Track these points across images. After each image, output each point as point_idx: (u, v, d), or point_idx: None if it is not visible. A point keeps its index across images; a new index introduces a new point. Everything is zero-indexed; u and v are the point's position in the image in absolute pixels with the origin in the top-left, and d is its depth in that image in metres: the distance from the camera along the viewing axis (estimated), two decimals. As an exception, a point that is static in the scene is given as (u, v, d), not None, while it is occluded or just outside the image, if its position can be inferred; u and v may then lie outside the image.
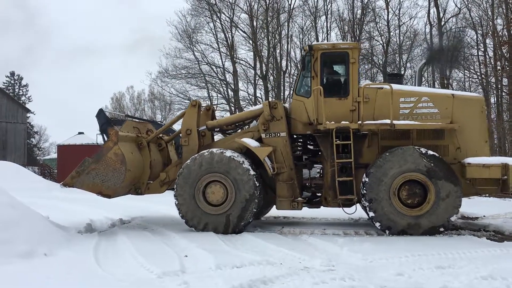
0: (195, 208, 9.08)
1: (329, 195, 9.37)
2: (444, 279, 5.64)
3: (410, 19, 34.07)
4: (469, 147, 9.11)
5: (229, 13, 32.15)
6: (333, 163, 9.16)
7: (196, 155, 9.30)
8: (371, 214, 8.69)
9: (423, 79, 28.96)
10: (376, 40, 30.76)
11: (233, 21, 32.06)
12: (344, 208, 9.30)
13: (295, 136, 9.98)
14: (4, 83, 54.35)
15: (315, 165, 10.16)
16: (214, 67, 32.39)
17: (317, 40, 31.87)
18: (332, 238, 8.30)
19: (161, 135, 10.74)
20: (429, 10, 29.34)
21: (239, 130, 10.55)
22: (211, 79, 32.62)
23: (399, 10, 30.42)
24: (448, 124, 9.07)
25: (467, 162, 8.80)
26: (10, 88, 55.77)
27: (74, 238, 8.42)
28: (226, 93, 32.49)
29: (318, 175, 10.22)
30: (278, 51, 32.17)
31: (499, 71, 25.55)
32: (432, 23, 29.45)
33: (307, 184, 10.13)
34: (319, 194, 9.86)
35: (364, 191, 8.70)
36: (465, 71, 27.97)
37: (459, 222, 10.64)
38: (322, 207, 9.78)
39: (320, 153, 9.72)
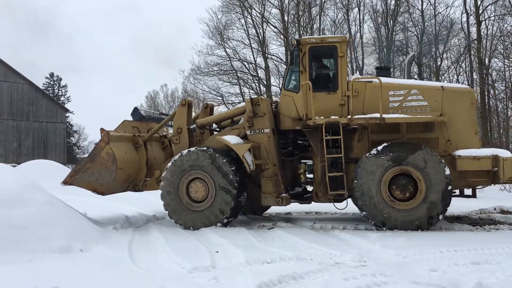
0: (179, 205, 9.28)
1: (320, 191, 9.30)
2: (480, 275, 5.48)
3: (446, 8, 33.27)
4: (459, 140, 8.97)
5: (260, 9, 32.14)
6: (323, 158, 9.09)
7: (176, 155, 9.53)
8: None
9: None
10: (410, 31, 30.02)
11: (264, 17, 32.02)
12: (335, 203, 9.26)
13: (290, 132, 9.90)
14: (44, 84, 56.13)
15: (302, 161, 10.19)
16: (245, 63, 32.49)
17: (350, 34, 31.45)
18: (365, 233, 8.20)
19: (164, 133, 10.98)
20: (465, -2, 28.41)
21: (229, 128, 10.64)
22: (243, 75, 32.72)
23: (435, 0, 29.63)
24: (437, 116, 8.90)
25: (458, 154, 8.69)
26: (50, 89, 57.48)
27: (110, 234, 8.63)
28: (258, 89, 32.50)
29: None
30: (310, 45, 31.89)
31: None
32: (469, 11, 28.53)
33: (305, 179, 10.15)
34: (310, 190, 9.79)
35: None
36: (505, 60, 27.00)
37: (498, 216, 10.31)
38: (313, 202, 9.76)
39: (310, 148, 9.65)
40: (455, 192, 14.92)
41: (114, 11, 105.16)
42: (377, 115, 8.70)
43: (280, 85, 32.18)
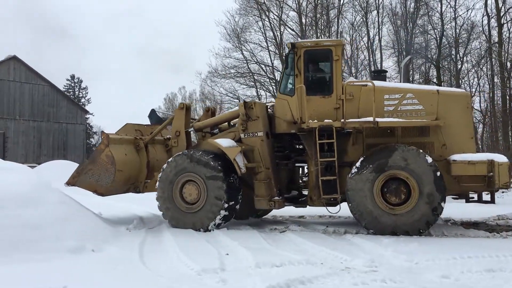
0: (173, 206, 9.34)
1: (314, 194, 9.22)
2: (494, 282, 5.37)
3: (467, 10, 32.76)
4: (454, 144, 8.81)
5: (278, 12, 32.12)
6: (317, 161, 9.02)
7: (170, 158, 9.62)
8: None
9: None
10: (429, 34, 29.63)
11: (281, 19, 32.00)
12: (328, 207, 9.22)
13: (286, 135, 9.84)
14: (65, 86, 57.07)
15: (297, 164, 10.19)
16: (263, 66, 32.47)
17: (368, 37, 31.25)
18: (377, 238, 8.07)
19: (168, 136, 11.07)
20: (486, 0, 27.94)
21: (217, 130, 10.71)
22: (260, 77, 32.73)
23: (455, 2, 29.20)
24: (432, 121, 8.75)
25: (453, 159, 8.53)
26: (71, 90, 58.44)
27: (122, 235, 8.70)
28: (275, 91, 32.46)
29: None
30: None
31: None
32: (490, 14, 28.03)
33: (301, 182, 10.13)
34: (306, 193, 9.73)
35: None
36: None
37: (516, 223, 10.06)
38: (308, 206, 9.71)
39: (305, 152, 9.58)
40: (457, 197, 14.77)
41: (122, 15, 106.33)
42: (371, 118, 8.63)
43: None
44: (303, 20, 31.67)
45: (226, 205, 9.05)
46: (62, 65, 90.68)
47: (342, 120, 8.85)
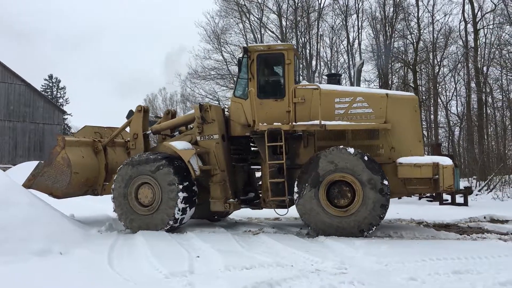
0: (136, 216, 9.28)
1: (267, 196, 9.29)
2: (459, 285, 5.40)
3: (444, 15, 33.28)
4: (403, 147, 8.94)
5: (258, 14, 32.16)
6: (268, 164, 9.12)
7: (115, 175, 9.57)
8: None
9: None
10: (407, 38, 30.01)
11: (262, 22, 32.05)
12: (278, 209, 9.32)
13: (242, 138, 9.89)
14: (42, 85, 56.21)
15: (252, 166, 10.31)
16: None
17: (348, 40, 31.48)
18: (350, 240, 8.09)
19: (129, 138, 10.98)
20: (463, 6, 28.44)
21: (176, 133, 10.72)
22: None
23: (433, 7, 29.63)
24: (380, 124, 8.88)
25: (399, 161, 8.67)
26: (49, 90, 57.61)
27: (93, 237, 8.57)
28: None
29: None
30: (307, 50, 31.94)
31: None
32: (467, 19, 28.54)
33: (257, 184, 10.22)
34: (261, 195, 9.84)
35: None
36: (502, 69, 26.93)
37: (487, 225, 10.21)
38: (262, 208, 9.80)
39: (260, 154, 9.65)
40: (432, 200, 14.85)
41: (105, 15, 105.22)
42: (317, 122, 8.73)
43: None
44: (284, 23, 31.80)
45: (181, 186, 9.01)
46: (39, 64, 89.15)
47: (290, 123, 8.93)
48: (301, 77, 9.47)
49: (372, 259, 6.64)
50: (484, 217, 11.19)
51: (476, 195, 18.55)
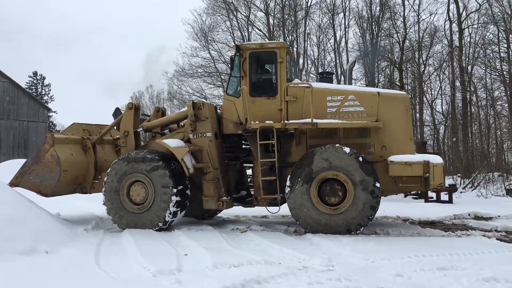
0: (125, 213, 9.24)
1: (259, 194, 9.34)
2: (444, 280, 5.48)
3: (430, 15, 33.58)
4: (394, 145, 9.03)
5: (246, 12, 32.12)
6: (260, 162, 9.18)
7: (109, 168, 9.52)
8: None
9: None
10: (393, 37, 30.25)
11: (249, 20, 32.02)
12: (270, 207, 9.37)
13: (235, 136, 9.93)
14: (27, 82, 55.49)
15: (245, 164, 10.34)
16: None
17: (335, 38, 31.61)
18: (337, 237, 8.15)
19: (118, 135, 10.91)
20: (448, 6, 28.73)
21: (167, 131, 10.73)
22: (227, 77, 32.60)
23: (419, 6, 29.90)
24: (371, 122, 8.98)
25: (390, 160, 8.77)
26: (33, 87, 56.88)
27: (80, 236, 8.51)
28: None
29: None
30: (295, 48, 32.00)
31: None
32: (452, 19, 28.84)
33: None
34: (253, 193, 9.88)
35: None
36: (486, 68, 27.29)
37: (472, 222, 10.37)
38: (254, 206, 9.82)
39: (252, 152, 9.70)
40: (417, 197, 14.98)
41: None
42: (309, 120, 8.78)
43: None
44: (271, 21, 31.79)
45: (175, 190, 8.99)
46: (23, 62, 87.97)
47: (282, 121, 8.96)
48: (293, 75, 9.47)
49: (359, 256, 6.71)
50: (469, 214, 11.36)
51: (461, 192, 18.80)
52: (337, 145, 8.67)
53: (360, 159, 8.45)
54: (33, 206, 8.34)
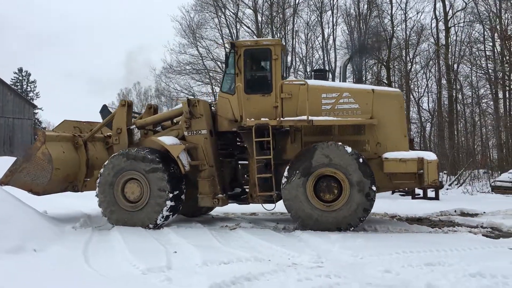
0: (117, 208, 9.20)
1: (254, 192, 9.35)
2: (432, 276, 5.55)
3: (417, 13, 33.82)
4: (389, 142, 9.10)
5: (234, 9, 32.07)
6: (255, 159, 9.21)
7: (107, 161, 9.47)
8: None
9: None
10: (381, 35, 30.41)
11: (238, 17, 31.97)
12: (266, 204, 9.36)
13: (229, 133, 9.92)
14: (12, 79, 54.78)
15: (239, 162, 10.34)
16: (218, 63, 32.34)
17: (323, 36, 31.71)
18: (326, 234, 8.20)
19: (109, 133, 10.83)
20: (435, 4, 29.00)
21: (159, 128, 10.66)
22: (215, 74, 32.59)
23: (406, 5, 30.12)
24: (365, 119, 9.05)
25: (385, 156, 8.84)
26: (18, 84, 56.17)
27: (68, 234, 8.42)
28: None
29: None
30: (283, 46, 32.00)
31: (507, 66, 25.14)
32: (438, 17, 29.12)
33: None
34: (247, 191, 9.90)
35: None
36: (472, 66, 27.62)
37: (458, 218, 10.50)
38: (250, 203, 9.82)
39: (247, 149, 9.71)
40: (404, 194, 15.17)
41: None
42: (305, 117, 8.80)
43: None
44: (259, 18, 31.79)
45: (171, 195, 8.95)
46: (8, 58, 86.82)
47: (277, 119, 8.97)
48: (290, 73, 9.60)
49: (348, 253, 6.77)
50: (455, 211, 11.50)
51: (447, 189, 19.04)
52: (340, 143, 8.67)
53: (361, 160, 8.49)
54: (20, 204, 8.26)
